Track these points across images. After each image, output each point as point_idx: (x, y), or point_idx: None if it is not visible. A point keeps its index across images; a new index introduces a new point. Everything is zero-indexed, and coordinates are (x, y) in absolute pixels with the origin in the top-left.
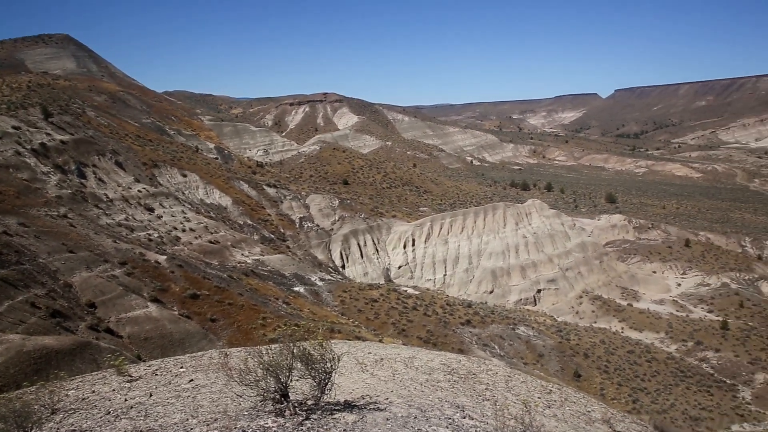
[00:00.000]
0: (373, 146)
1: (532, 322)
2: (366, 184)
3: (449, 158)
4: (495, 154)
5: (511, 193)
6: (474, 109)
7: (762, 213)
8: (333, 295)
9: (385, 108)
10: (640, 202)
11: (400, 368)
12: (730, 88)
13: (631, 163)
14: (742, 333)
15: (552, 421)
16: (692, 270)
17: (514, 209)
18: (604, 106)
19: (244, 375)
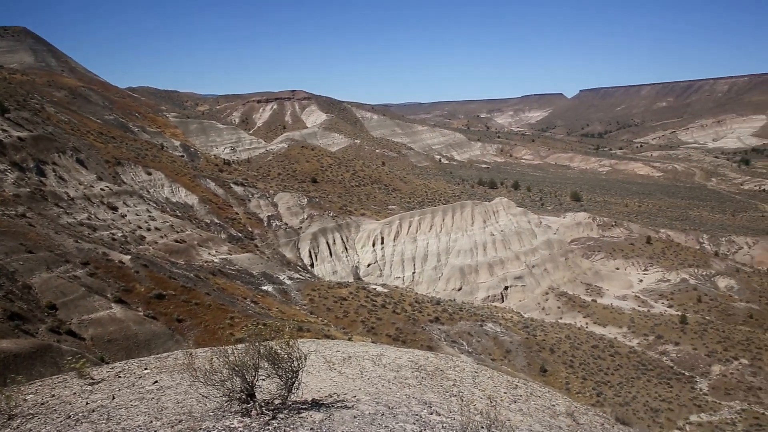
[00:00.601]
0: (341, 144)
1: (500, 318)
2: (335, 183)
3: (418, 156)
4: (463, 152)
5: (479, 192)
6: (442, 108)
7: (719, 211)
8: (302, 294)
9: (353, 106)
10: (604, 200)
11: (368, 366)
12: (689, 90)
13: (595, 162)
14: (700, 327)
15: (518, 415)
16: (653, 266)
17: (481, 207)
18: (569, 106)
19: (210, 375)
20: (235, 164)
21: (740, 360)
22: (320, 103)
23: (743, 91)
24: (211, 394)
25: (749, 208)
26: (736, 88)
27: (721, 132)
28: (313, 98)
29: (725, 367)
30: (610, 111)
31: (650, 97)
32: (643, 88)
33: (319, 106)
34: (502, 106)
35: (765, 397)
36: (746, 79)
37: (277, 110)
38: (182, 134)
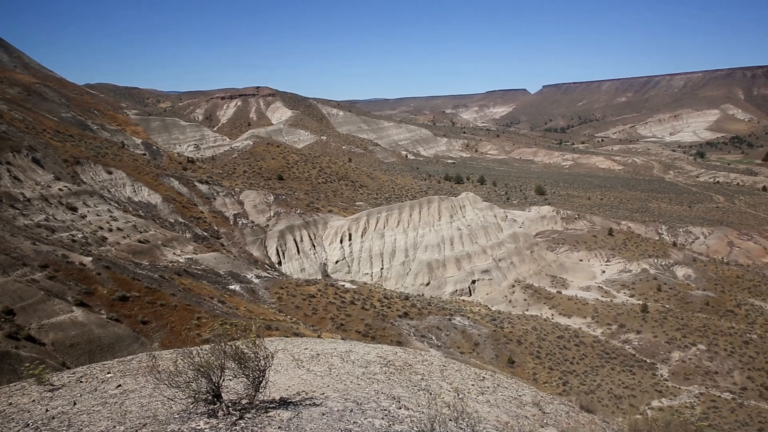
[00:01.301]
0: (307, 141)
1: (468, 312)
2: (301, 179)
3: (384, 152)
4: (429, 148)
5: (446, 187)
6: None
7: (676, 203)
8: (270, 292)
9: (319, 102)
10: (567, 193)
11: (336, 363)
12: (647, 86)
13: (558, 157)
14: (660, 315)
15: (485, 406)
16: (615, 257)
17: (448, 202)
18: (532, 101)
19: (174, 377)
20: (199, 162)
21: (698, 346)
22: (285, 100)
23: (698, 87)
24: (176, 396)
25: (705, 200)
26: (691, 83)
27: (677, 126)
28: (278, 95)
29: (684, 353)
30: (572, 106)
31: (610, 93)
32: (604, 83)
33: (284, 103)
34: (467, 102)
35: (721, 380)
36: (701, 75)
37: (242, 107)
38: (144, 132)
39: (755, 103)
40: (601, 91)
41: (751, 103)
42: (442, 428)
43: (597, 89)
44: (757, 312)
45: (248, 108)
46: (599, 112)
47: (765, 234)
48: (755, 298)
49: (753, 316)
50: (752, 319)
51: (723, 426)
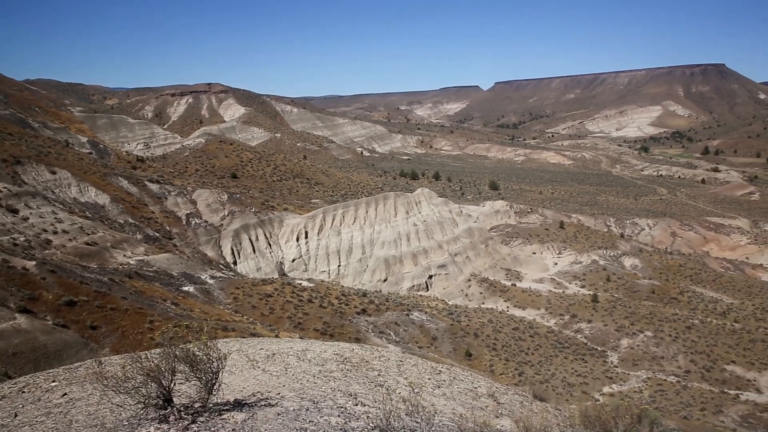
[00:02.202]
0: (261, 138)
1: (425, 306)
2: (256, 178)
3: (340, 149)
4: (384, 144)
5: (401, 183)
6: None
7: (623, 196)
8: (225, 293)
9: (273, 99)
10: (520, 188)
11: (292, 362)
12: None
13: (511, 152)
14: (610, 304)
15: (441, 399)
16: (567, 250)
17: (404, 198)
18: (485, 97)
19: (122, 383)
20: (149, 161)
21: (645, 333)
22: (238, 97)
23: (641, 84)
24: (125, 402)
25: (649, 192)
26: (635, 81)
27: (623, 122)
28: (231, 91)
29: (632, 340)
30: (524, 102)
31: (560, 89)
32: (553, 80)
33: (237, 100)
34: (422, 99)
35: (667, 365)
36: (644, 72)
37: (193, 104)
38: (89, 130)
39: (694, 100)
40: (551, 88)
41: (690, 99)
42: (398, 423)
43: (547, 86)
44: (698, 298)
45: (200, 105)
46: (549, 109)
47: (705, 224)
48: (696, 285)
49: (695, 302)
50: (694, 305)
51: (669, 408)
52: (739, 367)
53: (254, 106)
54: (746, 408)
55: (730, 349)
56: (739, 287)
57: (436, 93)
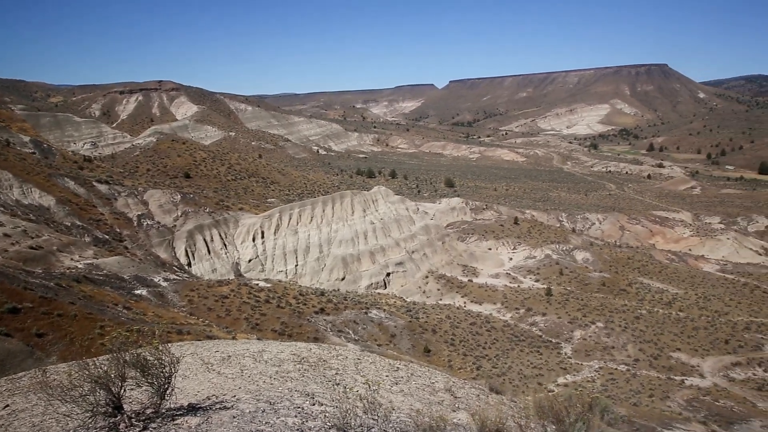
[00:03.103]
0: (215, 137)
1: (383, 304)
2: (210, 177)
3: (295, 148)
4: (340, 143)
5: (358, 181)
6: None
7: (574, 191)
8: (180, 295)
9: (226, 97)
10: (475, 185)
11: (248, 363)
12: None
13: (466, 150)
14: (563, 297)
15: (399, 396)
16: (521, 245)
17: (361, 197)
18: (440, 96)
19: (69, 391)
20: (97, 161)
21: (596, 324)
22: (190, 94)
23: (590, 83)
24: (72, 411)
25: (599, 188)
26: (584, 80)
27: (573, 120)
28: (183, 89)
29: (585, 331)
30: (478, 101)
31: (512, 88)
32: (506, 79)
33: (189, 98)
34: (377, 97)
35: (617, 354)
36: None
37: (143, 102)
38: (32, 129)
39: (639, 99)
40: (504, 86)
41: (636, 98)
42: (355, 421)
43: (500, 85)
44: (645, 289)
45: (150, 103)
46: (503, 107)
47: (651, 218)
48: (644, 276)
49: (642, 293)
50: (642, 296)
51: (619, 395)
52: (683, 354)
53: (207, 104)
54: (691, 393)
55: (676, 337)
56: (683, 278)
57: (392, 91)
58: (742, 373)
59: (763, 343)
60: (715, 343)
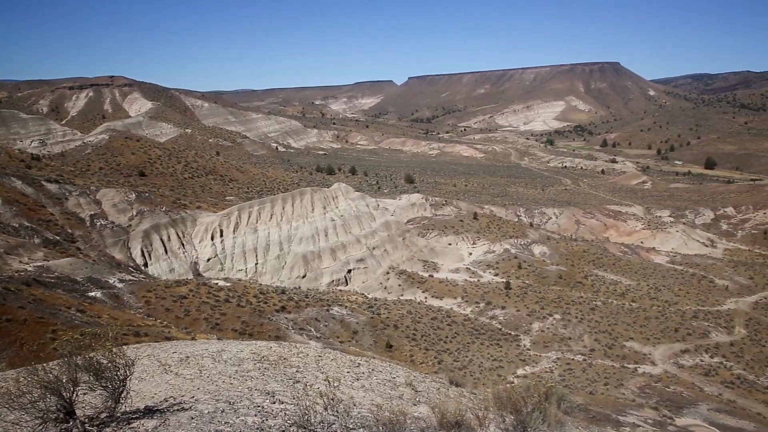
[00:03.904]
0: (171, 134)
1: (345, 301)
2: (166, 175)
3: (254, 145)
4: (300, 139)
5: (318, 178)
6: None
7: (531, 187)
8: (136, 297)
9: (182, 93)
10: (435, 181)
11: (207, 364)
12: (503, 78)
13: (425, 146)
14: (521, 290)
15: (360, 391)
16: (480, 240)
17: (321, 193)
18: (399, 92)
19: (17, 398)
20: (46, 159)
21: (554, 316)
22: (144, 90)
23: (546, 80)
24: (21, 419)
25: (555, 183)
26: (540, 77)
27: (530, 116)
28: (136, 85)
29: (543, 323)
30: (437, 97)
31: (470, 85)
32: (464, 76)
33: (143, 94)
34: (336, 93)
35: (574, 345)
36: (548, 69)
37: (94, 98)
38: None
39: (593, 96)
40: (462, 83)
41: (590, 95)
42: (316, 418)
43: (459, 81)
44: (600, 281)
45: (102, 99)
46: (461, 103)
47: (605, 212)
48: (599, 269)
49: (597, 285)
50: (597, 288)
51: (576, 384)
52: (636, 343)
53: (162, 101)
54: (643, 380)
55: (629, 327)
56: (636, 269)
57: (351, 87)
58: (691, 360)
59: (710, 331)
60: (666, 331)
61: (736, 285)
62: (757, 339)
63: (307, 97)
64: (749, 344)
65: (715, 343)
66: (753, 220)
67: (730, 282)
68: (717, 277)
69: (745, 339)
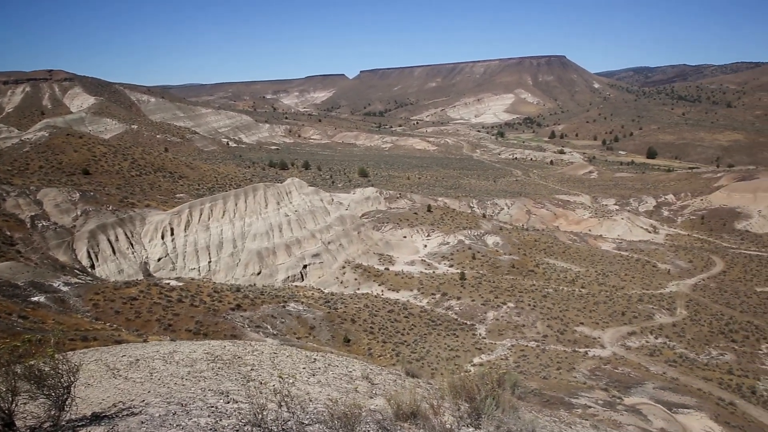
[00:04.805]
0: (116, 130)
1: (301, 297)
2: (112, 173)
3: (204, 141)
4: (251, 134)
5: (271, 174)
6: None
7: (483, 178)
8: (83, 300)
9: (126, 88)
10: (389, 174)
11: (158, 366)
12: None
13: (378, 139)
14: (476, 281)
15: (316, 387)
16: (435, 232)
17: (274, 189)
18: (351, 86)
19: None
20: None
21: (508, 304)
22: (86, 85)
23: (495, 73)
24: None
25: (506, 174)
26: (490, 70)
27: (481, 109)
28: (77, 79)
29: (497, 312)
30: (389, 91)
31: (422, 78)
32: (416, 69)
33: (84, 89)
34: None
35: (527, 332)
36: (497, 62)
37: (32, 93)
38: None
39: (540, 88)
40: (414, 76)
41: (538, 88)
42: (271, 415)
43: (410, 75)
44: (551, 269)
45: (40, 94)
46: (413, 97)
47: (554, 202)
48: (549, 257)
49: (549, 273)
50: (548, 275)
51: (530, 370)
52: (586, 328)
53: (106, 96)
54: (593, 363)
55: (579, 312)
56: (584, 256)
57: (303, 81)
58: (637, 342)
59: (654, 313)
60: (614, 315)
61: (677, 269)
62: (697, 319)
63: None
64: (690, 324)
65: (659, 324)
66: (691, 206)
67: (672, 266)
68: (660, 261)
69: (686, 319)
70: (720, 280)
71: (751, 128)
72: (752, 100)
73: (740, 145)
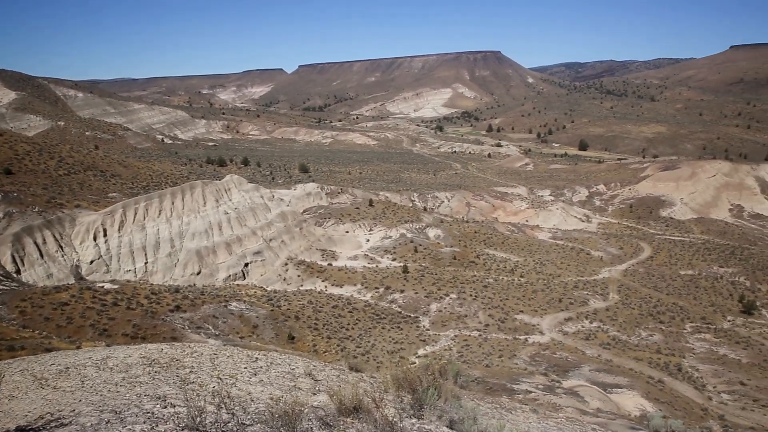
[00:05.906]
0: (41, 127)
1: (243, 295)
2: (37, 173)
3: (137, 137)
4: (187, 130)
5: (208, 171)
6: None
7: (423, 172)
8: (8, 307)
9: (51, 82)
10: (330, 169)
11: (90, 373)
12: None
13: (318, 135)
14: (419, 273)
15: (258, 386)
16: (377, 226)
17: (212, 186)
18: (290, 81)
19: None
20: None
21: (450, 296)
22: (5, 79)
23: (433, 68)
24: None
25: (446, 168)
26: (428, 65)
27: (420, 103)
28: None
29: (440, 303)
30: (328, 86)
31: (361, 73)
32: (355, 64)
33: (4, 83)
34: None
35: (470, 322)
36: (435, 57)
37: None
38: None
39: (477, 83)
40: (353, 71)
41: (475, 82)
42: (209, 418)
43: (349, 69)
44: (491, 260)
45: None
46: (353, 91)
47: (492, 194)
48: (489, 248)
49: (489, 263)
50: (488, 266)
51: (474, 359)
52: (526, 315)
53: (28, 91)
54: (533, 349)
55: (519, 301)
56: (522, 246)
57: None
58: (573, 327)
59: (589, 299)
60: (551, 302)
61: (609, 255)
62: (628, 303)
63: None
64: (621, 308)
65: (594, 309)
66: (620, 195)
67: (604, 253)
68: (593, 249)
69: (618, 303)
70: (648, 265)
71: (673, 121)
72: (673, 95)
73: (663, 137)
